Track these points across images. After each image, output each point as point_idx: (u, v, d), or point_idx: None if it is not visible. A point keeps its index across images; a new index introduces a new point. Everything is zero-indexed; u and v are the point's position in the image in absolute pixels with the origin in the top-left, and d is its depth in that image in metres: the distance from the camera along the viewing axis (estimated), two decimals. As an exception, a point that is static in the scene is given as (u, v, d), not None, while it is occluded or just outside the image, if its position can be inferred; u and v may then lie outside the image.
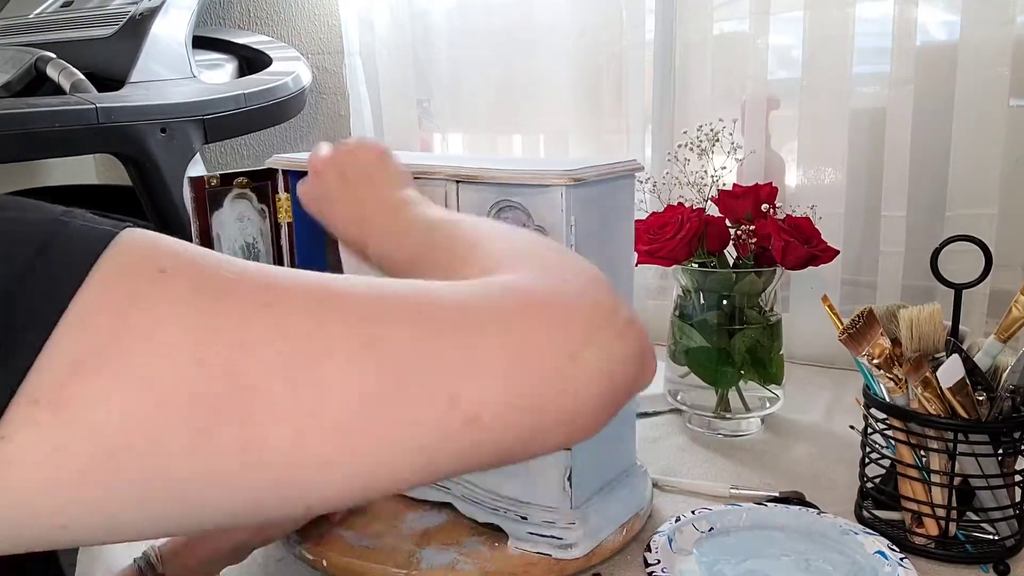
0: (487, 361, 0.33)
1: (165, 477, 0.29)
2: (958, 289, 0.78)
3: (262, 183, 0.84)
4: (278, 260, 0.86)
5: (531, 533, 0.72)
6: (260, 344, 0.30)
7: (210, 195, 0.80)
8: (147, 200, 1.39)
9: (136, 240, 0.31)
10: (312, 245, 0.87)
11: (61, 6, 1.52)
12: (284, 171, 0.84)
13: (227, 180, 0.81)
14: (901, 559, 0.69)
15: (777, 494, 0.83)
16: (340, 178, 0.62)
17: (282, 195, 0.85)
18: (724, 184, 1.03)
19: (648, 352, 0.38)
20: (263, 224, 0.85)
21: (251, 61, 1.62)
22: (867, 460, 0.79)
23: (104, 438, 0.28)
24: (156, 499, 0.29)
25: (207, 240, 0.80)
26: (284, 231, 0.86)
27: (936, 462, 0.72)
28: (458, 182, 0.71)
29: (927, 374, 0.71)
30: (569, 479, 0.71)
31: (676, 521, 0.75)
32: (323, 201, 0.63)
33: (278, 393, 0.30)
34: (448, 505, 0.78)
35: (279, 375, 0.30)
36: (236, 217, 0.82)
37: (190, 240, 0.84)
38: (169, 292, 0.30)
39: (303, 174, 0.83)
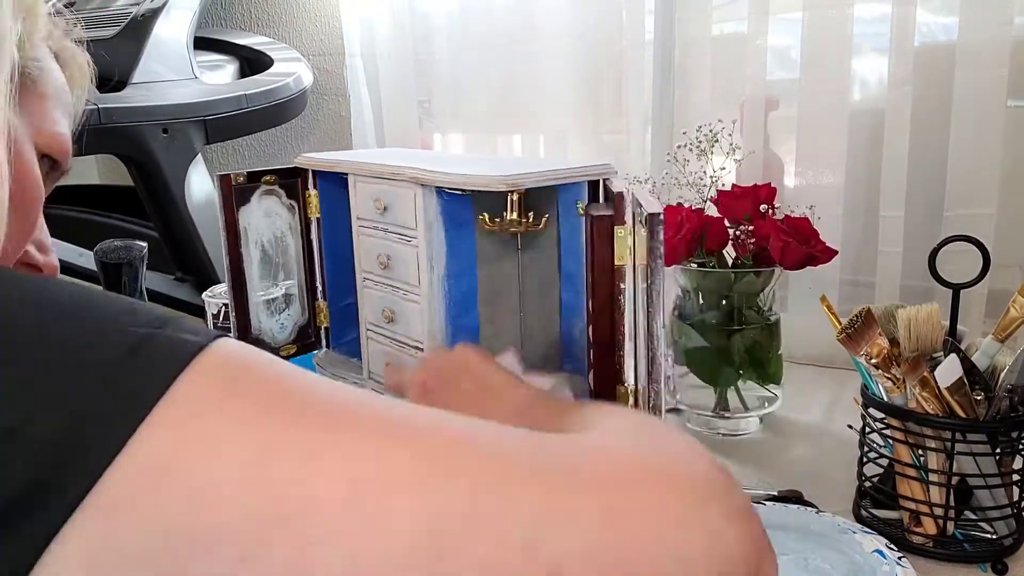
0: (578, 514, 0.30)
1: None
2: (956, 289, 0.79)
3: (290, 180, 0.86)
4: (307, 253, 0.88)
5: None
6: (327, 469, 0.30)
7: (237, 191, 0.82)
8: (148, 200, 1.39)
9: (221, 355, 0.31)
10: (340, 240, 0.88)
11: (63, 7, 1.53)
12: (313, 171, 0.85)
13: (255, 177, 0.83)
14: (899, 558, 0.69)
15: (776, 493, 0.84)
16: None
17: (311, 192, 0.87)
18: (723, 185, 1.04)
19: (762, 537, 0.34)
20: (292, 219, 0.87)
21: (252, 62, 1.63)
22: (865, 459, 0.79)
23: (149, 544, 0.28)
24: None
25: (234, 234, 0.82)
26: (314, 226, 0.88)
27: (934, 461, 0.72)
28: (422, 185, 0.71)
29: (925, 374, 0.72)
30: None
31: (675, 520, 0.75)
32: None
33: (338, 519, 0.29)
34: None
35: (342, 501, 0.29)
36: (264, 213, 0.84)
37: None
38: (242, 410, 0.30)
39: (330, 174, 0.84)
